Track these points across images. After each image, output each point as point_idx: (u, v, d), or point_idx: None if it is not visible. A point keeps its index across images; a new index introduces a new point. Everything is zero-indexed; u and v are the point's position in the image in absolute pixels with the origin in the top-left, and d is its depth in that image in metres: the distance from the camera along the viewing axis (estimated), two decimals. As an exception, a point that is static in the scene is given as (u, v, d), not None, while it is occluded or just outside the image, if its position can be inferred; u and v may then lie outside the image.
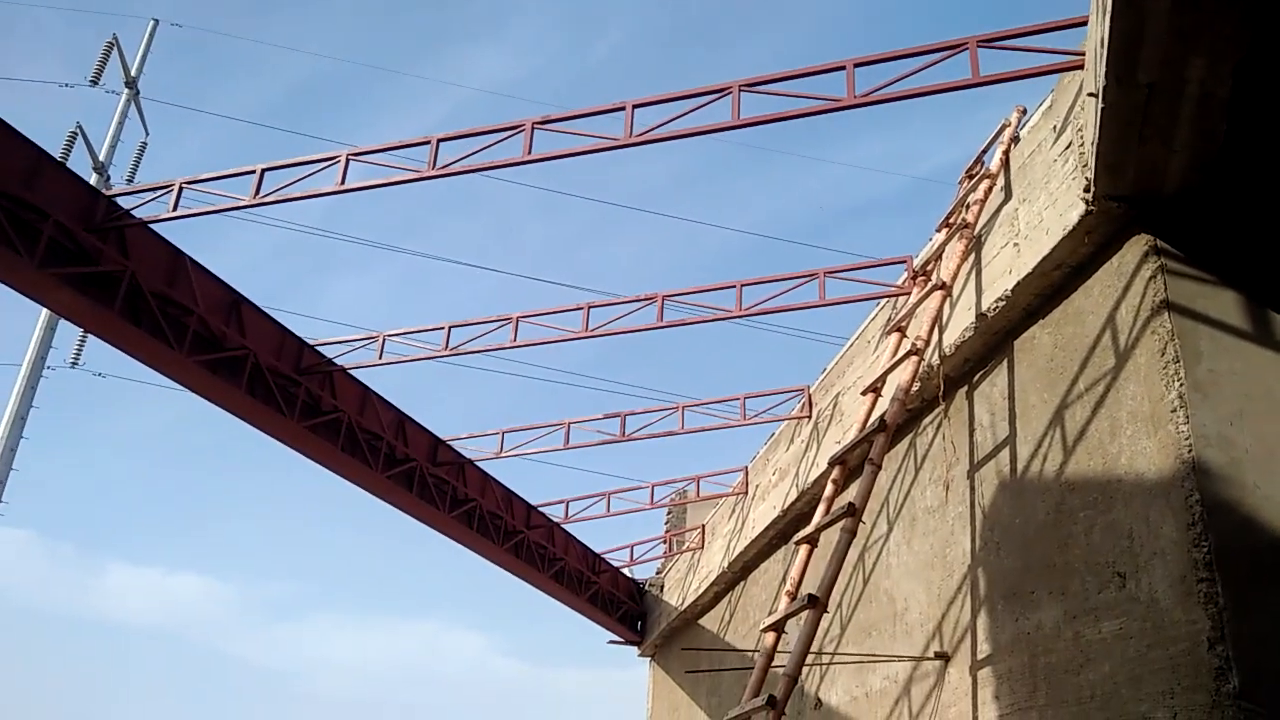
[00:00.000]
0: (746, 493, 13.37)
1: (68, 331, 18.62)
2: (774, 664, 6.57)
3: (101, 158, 19.54)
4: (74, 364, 19.16)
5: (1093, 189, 5.36)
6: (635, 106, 7.73)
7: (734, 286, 10.03)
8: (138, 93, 21.01)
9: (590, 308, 10.43)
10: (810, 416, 10.99)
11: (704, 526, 15.77)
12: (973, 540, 6.92)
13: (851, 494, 6.55)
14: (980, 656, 6.54)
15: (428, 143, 8.17)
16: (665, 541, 17.84)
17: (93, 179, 18.79)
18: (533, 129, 7.94)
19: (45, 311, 17.78)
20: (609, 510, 15.13)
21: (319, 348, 11.07)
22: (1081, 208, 5.53)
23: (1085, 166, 5.50)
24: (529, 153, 7.91)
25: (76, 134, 18.60)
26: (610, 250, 69.85)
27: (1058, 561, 5.76)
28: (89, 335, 18.14)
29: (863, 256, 9.84)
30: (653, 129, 7.66)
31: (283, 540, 64.37)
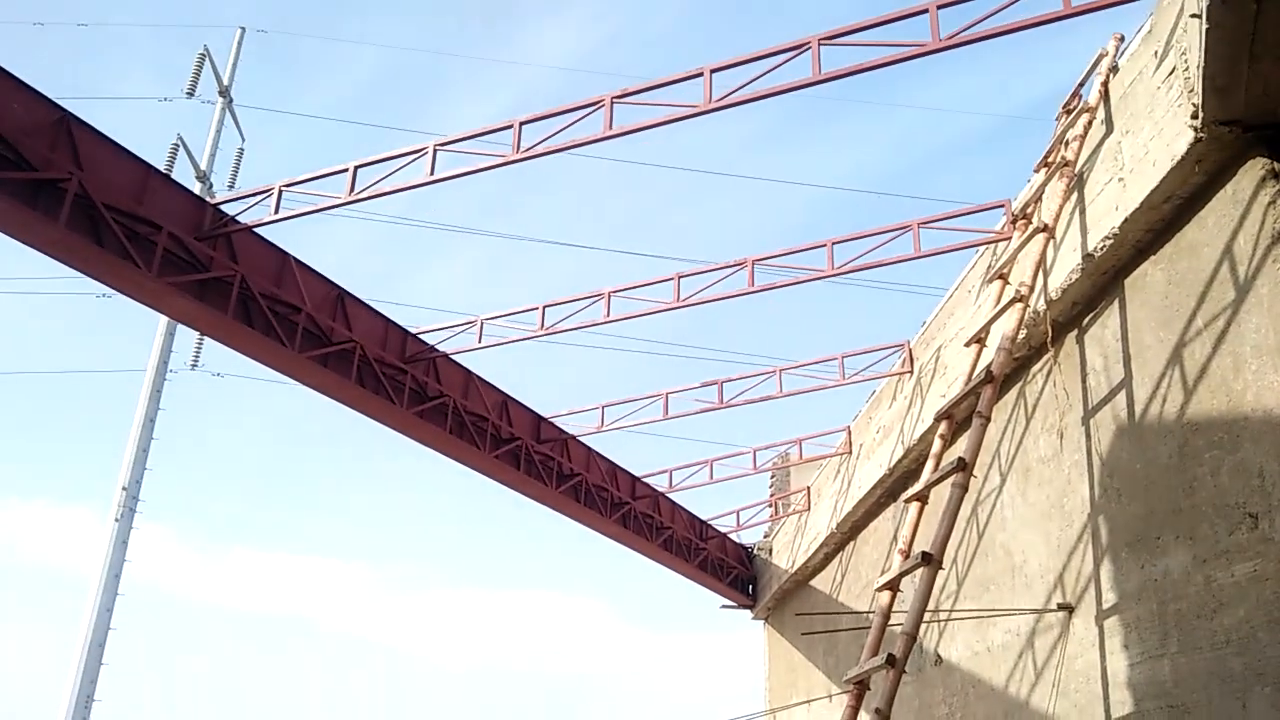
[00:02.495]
0: (850, 452, 13.25)
1: (186, 335, 19.59)
2: (891, 622, 6.55)
3: (203, 166, 20.37)
4: (194, 366, 20.17)
5: (1201, 115, 5.10)
6: (713, 71, 7.67)
7: (824, 245, 9.88)
8: (231, 100, 21.76)
9: (680, 278, 10.43)
10: (912, 372, 10.80)
11: (809, 489, 15.70)
12: (1091, 488, 6.73)
13: (960, 448, 6.45)
14: (1106, 606, 6.38)
15: (510, 126, 8.27)
16: (771, 505, 17.83)
17: (196, 188, 19.62)
18: (612, 103, 7.96)
19: (164, 318, 18.71)
20: (712, 477, 15.19)
21: (420, 335, 11.37)
22: (1190, 135, 5.27)
23: (1192, 92, 5.23)
24: (610, 127, 7.93)
25: (178, 146, 19.44)
26: (696, 217, 69.48)
27: (1184, 505, 5.57)
28: (206, 338, 19.05)
29: (955, 203, 9.54)
30: (732, 92, 7.59)
31: (401, 521, 66.64)
